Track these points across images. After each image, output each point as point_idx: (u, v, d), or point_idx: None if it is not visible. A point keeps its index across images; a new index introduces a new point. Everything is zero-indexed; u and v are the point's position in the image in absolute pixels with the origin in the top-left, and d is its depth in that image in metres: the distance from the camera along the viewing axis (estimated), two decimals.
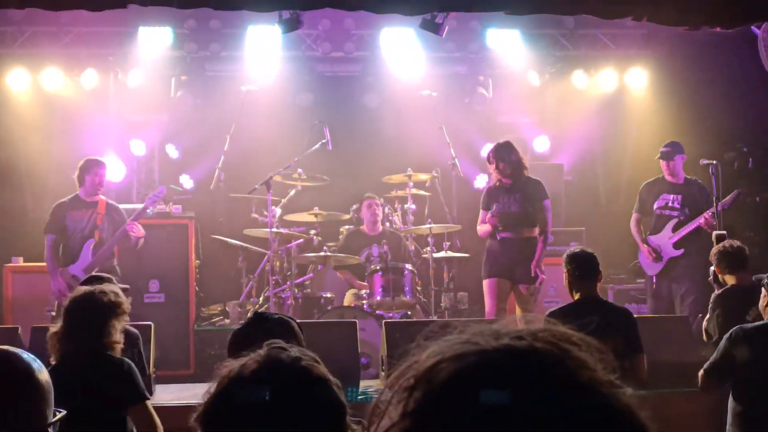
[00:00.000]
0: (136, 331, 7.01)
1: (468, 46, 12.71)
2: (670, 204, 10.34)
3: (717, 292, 7.70)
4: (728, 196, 9.92)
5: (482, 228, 9.87)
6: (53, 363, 5.12)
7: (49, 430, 2.61)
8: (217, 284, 12.25)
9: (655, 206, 10.39)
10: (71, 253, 9.76)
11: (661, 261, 10.25)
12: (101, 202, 9.90)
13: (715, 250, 7.81)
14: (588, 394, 1.03)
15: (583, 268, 6.63)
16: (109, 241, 9.75)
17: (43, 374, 2.65)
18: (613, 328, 6.13)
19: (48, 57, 12.15)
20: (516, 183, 9.64)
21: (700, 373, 6.15)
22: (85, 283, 6.97)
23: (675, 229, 10.24)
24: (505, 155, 9.63)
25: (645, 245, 10.29)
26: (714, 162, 9.89)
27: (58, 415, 2.70)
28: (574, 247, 7.24)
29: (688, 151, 10.45)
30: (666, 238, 10.24)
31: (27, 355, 2.66)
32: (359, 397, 7.82)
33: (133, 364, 5.40)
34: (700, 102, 12.24)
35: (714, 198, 9.75)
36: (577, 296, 6.63)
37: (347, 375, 7.76)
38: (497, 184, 9.77)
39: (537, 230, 9.64)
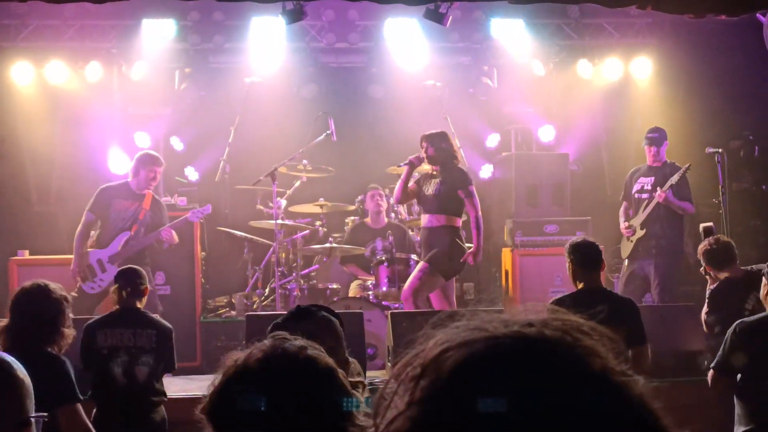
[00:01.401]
0: (169, 326, 6.99)
1: (472, 36, 12.67)
2: (645, 187, 10.40)
3: (711, 286, 7.70)
4: (675, 175, 9.96)
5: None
6: None
7: (32, 421, 2.62)
8: (223, 276, 12.26)
9: (633, 190, 10.50)
10: (104, 239, 9.82)
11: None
12: (148, 196, 9.92)
13: (701, 250, 7.80)
14: (600, 382, 1.02)
15: (586, 258, 6.62)
16: (142, 239, 9.77)
17: (21, 369, 2.65)
18: (619, 318, 6.12)
19: (51, 50, 12.14)
20: (441, 170, 9.54)
21: (710, 373, 6.10)
22: (120, 273, 6.99)
23: (645, 210, 10.29)
24: (436, 141, 9.53)
25: (624, 224, 10.42)
26: (719, 150, 9.89)
27: (41, 414, 2.72)
28: (577, 237, 7.23)
29: (694, 140, 10.45)
30: (639, 220, 10.28)
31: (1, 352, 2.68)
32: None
33: (69, 363, 5.29)
34: (706, 90, 12.21)
35: (720, 186, 9.74)
36: (580, 285, 6.61)
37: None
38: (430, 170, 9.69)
39: (457, 220, 9.51)
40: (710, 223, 8.30)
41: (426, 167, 9.70)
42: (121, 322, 6.75)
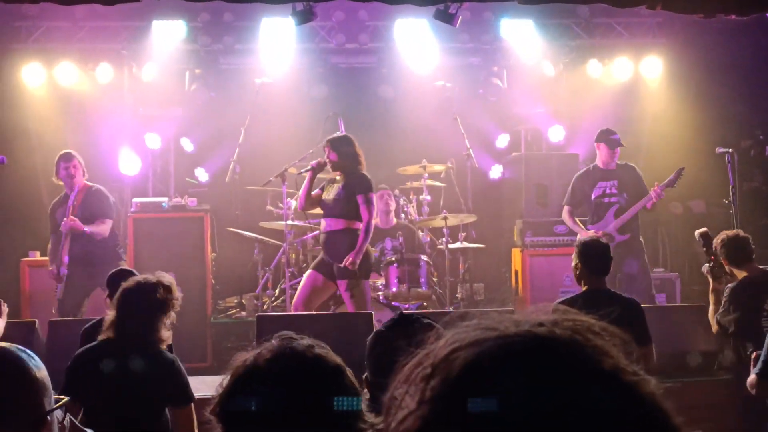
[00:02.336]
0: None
1: (482, 36, 12.66)
2: (607, 191, 10.29)
3: (731, 285, 7.59)
4: (671, 175, 9.90)
5: None
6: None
7: (48, 417, 2.61)
8: (233, 277, 12.27)
9: (593, 196, 10.34)
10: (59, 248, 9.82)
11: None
12: (79, 192, 9.76)
13: (719, 243, 7.65)
14: (611, 380, 1.02)
15: (595, 260, 6.56)
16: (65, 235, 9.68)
17: (36, 364, 2.65)
18: (627, 320, 6.06)
19: (62, 52, 12.19)
20: (344, 175, 9.34)
21: (752, 378, 5.90)
22: (112, 276, 6.98)
23: (617, 215, 10.17)
24: (339, 146, 9.37)
25: (588, 231, 10.09)
26: (730, 150, 9.85)
27: (62, 401, 2.70)
28: (585, 236, 7.18)
29: (704, 140, 10.42)
30: (609, 225, 10.16)
31: (17, 349, 2.66)
32: None
33: (181, 364, 5.31)
34: (716, 90, 12.19)
35: (730, 187, 9.71)
36: (586, 287, 6.55)
37: (363, 366, 7.75)
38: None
39: (356, 223, 9.19)
40: (705, 228, 8.11)
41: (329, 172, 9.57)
42: None
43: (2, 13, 11.65)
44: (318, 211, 11.15)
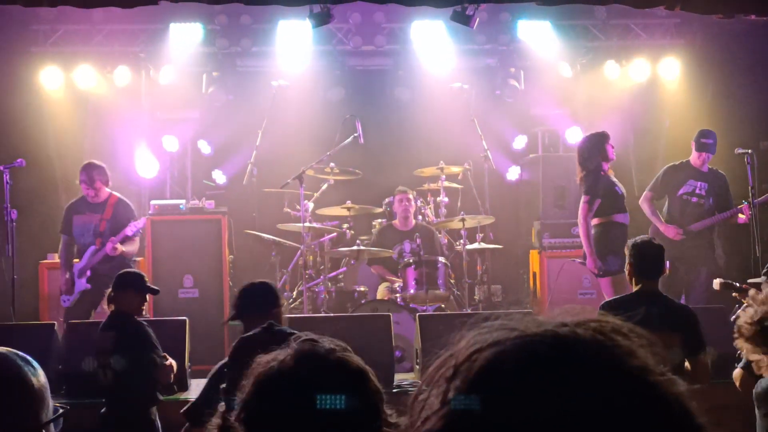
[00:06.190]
0: None
1: (499, 38, 12.64)
2: (697, 191, 10.18)
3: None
4: (763, 197, 9.81)
5: None
6: None
7: (44, 429, 2.58)
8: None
9: (680, 191, 10.20)
10: (78, 254, 9.90)
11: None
12: (109, 203, 9.87)
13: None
14: (634, 381, 1.02)
15: (647, 262, 6.31)
16: (101, 252, 9.71)
17: (36, 375, 2.60)
18: (674, 325, 5.92)
19: (80, 55, 12.25)
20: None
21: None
22: (121, 280, 7.05)
23: (700, 218, 10.08)
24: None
25: (669, 225, 10.08)
26: (749, 151, 9.81)
27: (59, 412, 2.68)
28: (640, 237, 6.98)
29: (723, 141, 10.36)
30: (689, 224, 10.06)
31: (15, 355, 2.61)
32: (393, 390, 7.83)
33: None
34: (735, 91, 12.13)
35: (750, 188, 9.66)
36: (638, 287, 6.41)
37: (381, 368, 7.76)
38: None
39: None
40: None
41: None
42: None
43: (20, 16, 11.71)
44: (333, 212, 11.18)
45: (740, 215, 9.85)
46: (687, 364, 6.00)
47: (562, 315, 1.10)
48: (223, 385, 3.64)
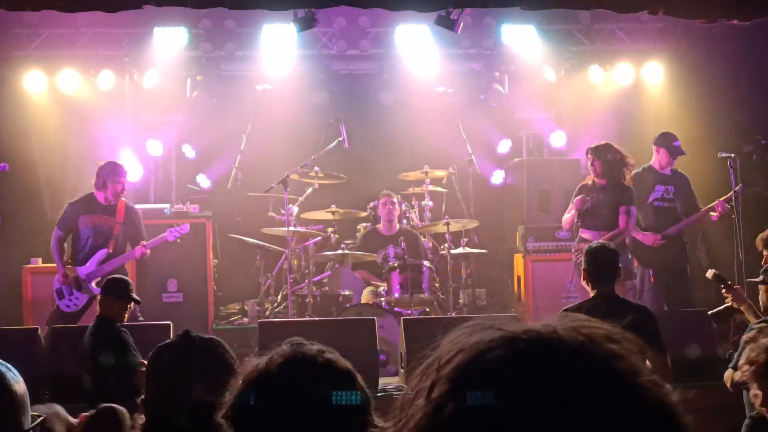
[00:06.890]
0: None
1: (483, 42, 12.67)
2: (665, 195, 10.13)
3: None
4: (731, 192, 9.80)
5: None
6: None
7: None
8: (235, 283, 12.28)
9: (650, 198, 10.10)
10: (80, 256, 9.72)
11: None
12: (120, 206, 9.80)
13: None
14: (619, 381, 1.02)
15: (603, 267, 6.43)
16: (118, 257, 9.63)
17: (17, 382, 2.59)
18: (637, 326, 5.94)
19: (64, 59, 12.21)
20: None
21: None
22: (106, 284, 7.04)
23: (676, 220, 10.08)
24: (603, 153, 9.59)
25: (647, 233, 9.99)
26: (732, 155, 9.85)
27: (39, 419, 2.67)
28: (594, 242, 7.12)
29: (706, 145, 10.41)
30: (665, 229, 10.05)
31: None
32: (378, 394, 7.82)
33: None
34: (718, 95, 12.19)
35: (733, 192, 9.70)
36: (594, 292, 6.46)
37: (366, 372, 7.75)
38: None
39: None
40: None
41: None
42: None
43: (4, 20, 11.65)
44: (317, 217, 11.17)
45: (711, 213, 9.88)
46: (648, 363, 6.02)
47: (549, 320, 1.11)
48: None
